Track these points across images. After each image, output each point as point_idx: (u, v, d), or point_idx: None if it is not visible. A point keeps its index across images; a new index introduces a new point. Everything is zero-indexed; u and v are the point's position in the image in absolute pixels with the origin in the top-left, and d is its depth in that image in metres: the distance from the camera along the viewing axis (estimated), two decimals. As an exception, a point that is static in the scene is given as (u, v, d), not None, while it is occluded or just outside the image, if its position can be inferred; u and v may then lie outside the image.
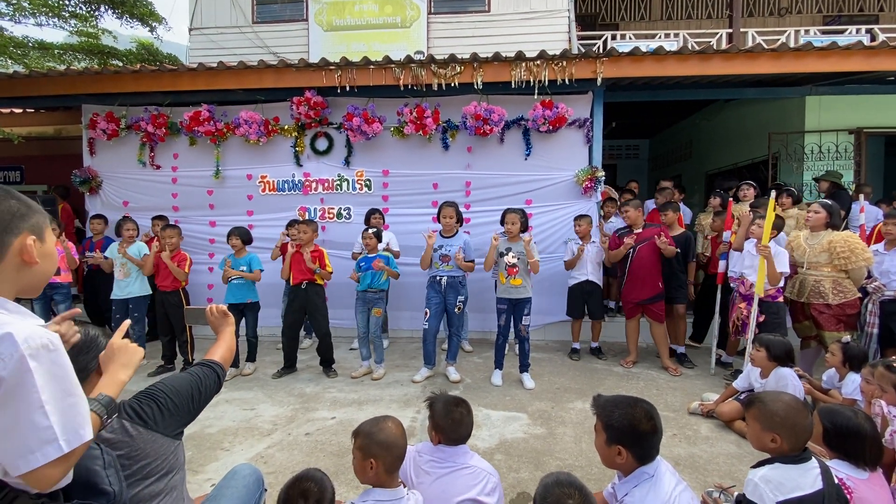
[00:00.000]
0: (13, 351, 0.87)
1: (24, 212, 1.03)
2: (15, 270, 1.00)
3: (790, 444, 1.67)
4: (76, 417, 0.94)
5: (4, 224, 0.99)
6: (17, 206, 1.01)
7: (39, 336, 0.91)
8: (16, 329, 0.89)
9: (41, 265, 1.05)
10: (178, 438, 1.39)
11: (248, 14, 8.14)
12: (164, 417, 1.34)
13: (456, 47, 6.52)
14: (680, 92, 5.54)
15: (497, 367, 4.13)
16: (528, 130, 5.24)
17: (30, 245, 1.01)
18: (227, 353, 1.58)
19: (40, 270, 1.05)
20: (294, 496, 1.45)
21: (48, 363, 0.91)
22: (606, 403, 1.70)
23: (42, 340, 0.91)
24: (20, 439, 0.88)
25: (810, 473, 1.62)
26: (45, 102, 5.88)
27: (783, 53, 4.70)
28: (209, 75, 5.14)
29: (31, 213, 1.04)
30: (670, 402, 3.59)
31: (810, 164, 6.30)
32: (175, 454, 1.36)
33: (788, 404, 1.72)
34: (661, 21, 11.18)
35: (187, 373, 1.47)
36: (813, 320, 3.69)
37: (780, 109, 6.69)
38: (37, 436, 0.88)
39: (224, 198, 5.67)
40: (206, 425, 3.23)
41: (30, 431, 0.88)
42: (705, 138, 8.70)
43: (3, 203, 1.00)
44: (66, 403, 0.93)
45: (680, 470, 2.57)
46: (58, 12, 6.13)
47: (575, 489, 1.43)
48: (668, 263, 4.43)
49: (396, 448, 1.61)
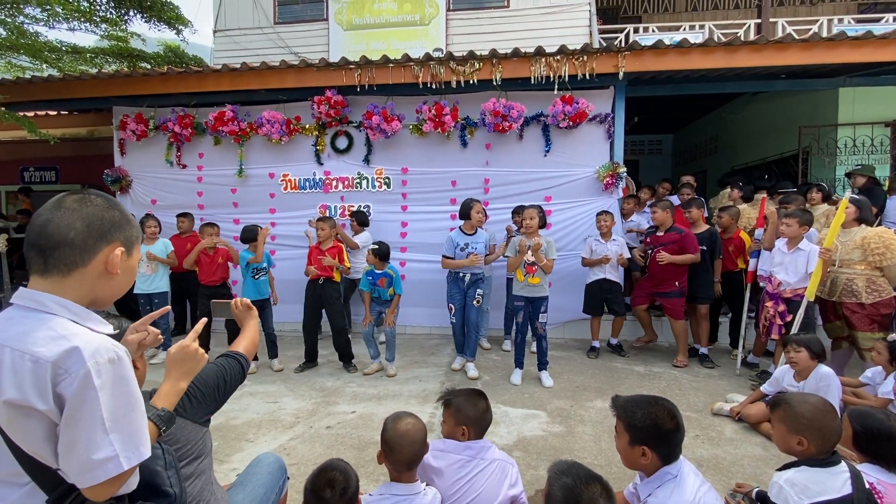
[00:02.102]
0: (80, 368, 0.86)
1: (122, 223, 1.04)
2: (95, 278, 1.00)
3: (817, 446, 1.63)
4: (136, 435, 0.94)
5: (101, 231, 1.00)
6: (118, 217, 1.03)
7: (107, 350, 0.91)
8: (83, 342, 0.89)
9: (120, 278, 1.04)
10: (206, 425, 1.45)
11: (269, 15, 8.27)
12: (192, 405, 1.39)
13: (475, 44, 6.50)
14: (705, 85, 5.39)
15: (517, 366, 4.05)
16: (547, 126, 5.19)
17: (116, 255, 1.01)
18: (251, 345, 1.63)
19: (117, 283, 1.05)
20: (321, 485, 1.48)
21: (113, 378, 0.91)
22: (627, 404, 1.68)
23: (110, 355, 0.91)
24: (81, 456, 0.87)
25: (839, 477, 1.57)
26: (78, 105, 6.11)
27: (815, 44, 4.53)
28: (233, 76, 5.26)
29: (127, 226, 1.05)
30: (693, 403, 3.52)
31: (843, 159, 6.06)
32: (203, 440, 1.41)
33: (816, 406, 1.68)
34: (686, 12, 10.89)
35: (213, 363, 1.52)
36: (845, 320, 3.57)
37: (812, 102, 6.45)
38: (97, 454, 0.88)
39: (247, 196, 5.80)
40: (231, 417, 3.32)
41: (90, 450, 0.87)
42: (732, 133, 8.45)
43: (107, 212, 1.02)
44: (127, 420, 0.92)
45: (703, 471, 2.52)
46: (89, 17, 6.35)
47: (601, 486, 1.37)
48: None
49: (409, 446, 1.62)
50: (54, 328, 0.91)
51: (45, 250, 0.95)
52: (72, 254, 0.96)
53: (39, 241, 0.95)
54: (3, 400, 0.87)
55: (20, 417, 0.88)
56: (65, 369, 0.86)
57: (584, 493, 1.34)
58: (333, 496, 1.46)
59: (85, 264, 0.98)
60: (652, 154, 11.09)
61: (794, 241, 3.66)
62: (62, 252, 0.96)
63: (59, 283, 0.96)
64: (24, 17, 5.96)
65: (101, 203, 1.02)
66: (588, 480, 1.38)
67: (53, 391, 0.87)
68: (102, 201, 1.03)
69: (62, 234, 0.96)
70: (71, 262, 0.97)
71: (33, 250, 0.96)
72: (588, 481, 1.37)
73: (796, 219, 3.64)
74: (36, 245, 0.96)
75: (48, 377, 0.86)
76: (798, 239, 3.65)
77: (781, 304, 3.66)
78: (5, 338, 0.90)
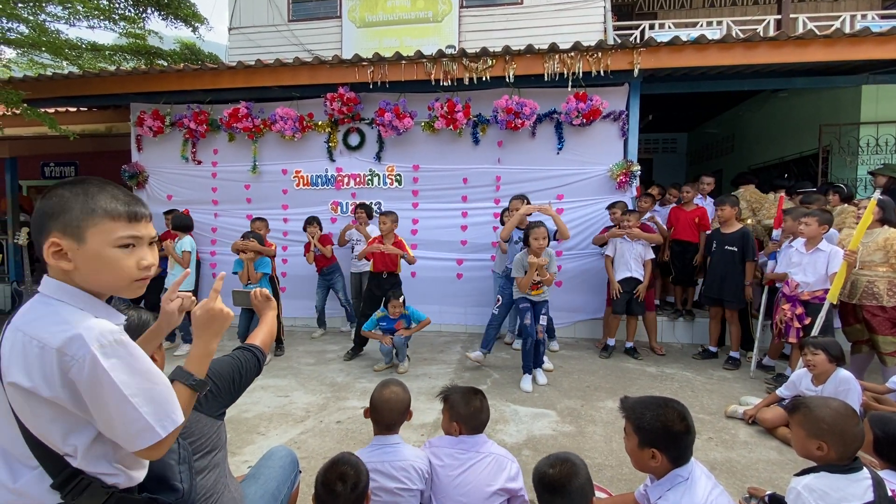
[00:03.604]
0: (85, 353, 0.87)
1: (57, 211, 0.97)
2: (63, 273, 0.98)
3: (838, 452, 1.58)
4: (165, 404, 0.96)
5: (40, 226, 0.97)
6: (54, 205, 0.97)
7: (110, 332, 0.92)
8: (84, 328, 0.90)
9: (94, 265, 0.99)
10: (221, 419, 1.46)
11: (284, 12, 8.33)
12: (207, 399, 1.40)
13: (488, 41, 6.47)
14: (722, 82, 5.29)
15: (526, 371, 3.83)
16: (560, 124, 5.15)
17: (50, 248, 0.96)
18: (268, 337, 1.60)
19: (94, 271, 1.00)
20: (332, 479, 1.50)
21: (122, 357, 0.92)
22: (636, 405, 1.65)
23: (114, 336, 0.92)
24: (121, 429, 0.92)
25: (861, 484, 1.53)
26: (97, 101, 6.21)
27: (837, 40, 4.41)
28: (247, 73, 5.30)
29: (65, 213, 0.96)
30: (706, 405, 3.47)
31: (865, 158, 5.91)
32: (217, 433, 1.42)
33: (837, 410, 1.63)
34: (704, 8, 10.69)
35: (229, 356, 1.53)
36: (865, 323, 3.49)
37: (833, 99, 6.29)
38: (134, 426, 0.92)
39: (260, 192, 5.85)
40: (242, 410, 3.36)
41: (126, 424, 0.91)
42: (749, 131, 8.29)
43: (48, 202, 0.96)
44: (150, 393, 0.94)
45: (716, 475, 2.47)
46: (108, 15, 6.43)
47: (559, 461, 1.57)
48: (721, 263, 4.29)
49: (388, 412, 1.86)
50: (61, 315, 0.92)
51: None
52: (40, 250, 0.97)
53: None
54: (9, 382, 0.89)
55: (27, 400, 0.90)
56: (70, 356, 0.88)
57: (548, 471, 1.55)
58: (345, 490, 1.47)
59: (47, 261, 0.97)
60: (666, 153, 10.93)
61: (813, 242, 3.58)
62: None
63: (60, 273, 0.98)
64: (45, 15, 6.07)
65: (54, 192, 0.97)
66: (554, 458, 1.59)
67: (64, 378, 0.89)
68: (57, 190, 0.97)
69: (34, 231, 0.99)
70: None
71: None
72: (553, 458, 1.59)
73: (815, 218, 3.55)
74: None
75: (55, 364, 0.88)
76: (817, 239, 3.56)
77: (799, 307, 3.58)
78: (21, 323, 0.93)
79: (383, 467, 1.74)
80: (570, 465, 1.55)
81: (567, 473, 1.53)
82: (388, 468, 1.74)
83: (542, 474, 1.56)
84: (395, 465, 1.75)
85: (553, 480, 1.53)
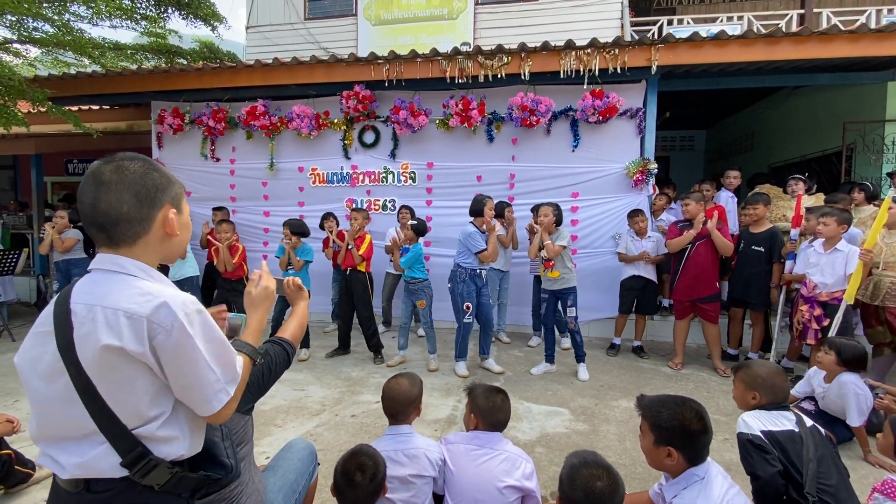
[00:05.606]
0: (173, 320, 0.95)
1: (165, 184, 1.08)
2: (159, 242, 1.07)
3: (768, 399, 1.94)
4: (231, 367, 1.07)
5: (150, 198, 1.04)
6: (159, 179, 1.06)
7: (192, 302, 1.01)
8: (169, 297, 0.97)
9: (181, 235, 1.12)
10: (249, 413, 1.49)
11: (300, 11, 8.41)
12: None
13: (504, 38, 6.44)
14: (743, 79, 5.19)
15: (547, 360, 4.16)
16: (576, 121, 5.11)
17: (171, 218, 1.07)
18: (298, 329, 1.56)
19: (178, 241, 1.12)
20: (352, 469, 1.53)
21: (203, 325, 1.01)
22: (652, 403, 1.66)
23: (196, 306, 1.01)
24: (200, 393, 1.01)
25: (787, 416, 1.87)
26: (118, 100, 6.35)
27: (862, 35, 4.30)
28: (264, 71, 5.37)
29: (171, 185, 1.09)
30: (722, 406, 3.44)
31: (891, 157, 5.75)
32: (245, 428, 1.45)
33: (770, 368, 2.01)
34: (724, 3, 10.47)
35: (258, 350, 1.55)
36: (888, 325, 3.41)
37: (858, 96, 6.13)
38: (211, 388, 1.02)
39: (277, 189, 5.94)
40: (260, 403, 3.37)
41: (205, 386, 1.01)
42: (770, 129, 8.12)
43: (147, 177, 1.04)
44: (224, 357, 1.05)
45: (732, 476, 2.46)
46: (130, 14, 6.57)
47: (602, 469, 1.44)
48: (748, 264, 4.19)
49: (389, 401, 1.91)
50: (140, 287, 0.99)
51: (106, 227, 1.02)
52: (131, 227, 1.03)
53: (97, 220, 1.02)
54: (103, 345, 0.93)
55: (114, 361, 0.95)
56: (158, 323, 0.95)
57: (582, 471, 1.44)
58: (364, 480, 1.50)
59: (147, 232, 1.05)
60: (684, 150, 10.76)
61: (832, 242, 3.51)
62: (122, 227, 1.02)
63: (130, 251, 1.04)
64: (70, 15, 6.22)
65: (139, 168, 1.04)
66: (594, 464, 1.46)
67: (150, 343, 0.95)
68: (139, 166, 1.05)
69: (116, 210, 1.01)
70: (133, 233, 1.03)
71: (93, 227, 1.03)
72: (593, 465, 1.46)
73: (834, 217, 3.48)
74: (95, 223, 1.02)
75: (144, 330, 0.94)
76: (836, 239, 3.50)
77: (817, 308, 3.52)
78: (95, 298, 0.97)
79: (396, 455, 1.77)
80: (613, 478, 1.43)
81: (613, 487, 1.42)
82: (400, 456, 1.77)
83: (591, 488, 1.41)
84: (408, 453, 1.78)
85: (603, 494, 1.40)
